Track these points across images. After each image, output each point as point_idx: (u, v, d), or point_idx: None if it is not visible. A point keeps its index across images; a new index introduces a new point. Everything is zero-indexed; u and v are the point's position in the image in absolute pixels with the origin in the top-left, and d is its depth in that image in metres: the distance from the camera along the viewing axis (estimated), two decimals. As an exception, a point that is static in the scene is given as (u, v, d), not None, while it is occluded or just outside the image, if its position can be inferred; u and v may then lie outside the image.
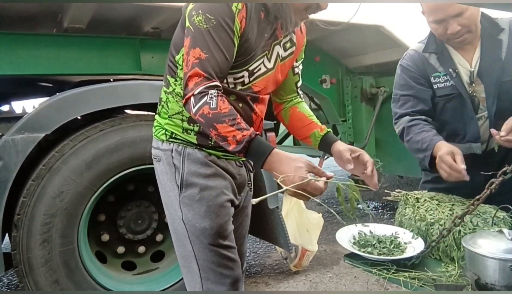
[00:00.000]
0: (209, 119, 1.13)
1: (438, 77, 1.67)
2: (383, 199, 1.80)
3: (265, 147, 1.16)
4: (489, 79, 1.60)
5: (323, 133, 1.46)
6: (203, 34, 1.16)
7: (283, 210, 2.94)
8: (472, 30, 1.56)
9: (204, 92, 1.14)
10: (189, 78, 1.16)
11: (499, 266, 1.12)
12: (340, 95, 4.18)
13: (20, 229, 2.06)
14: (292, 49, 1.42)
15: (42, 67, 2.52)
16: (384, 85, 3.96)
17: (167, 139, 1.33)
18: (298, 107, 1.54)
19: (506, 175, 1.31)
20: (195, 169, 1.30)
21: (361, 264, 1.42)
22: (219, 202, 1.32)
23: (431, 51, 1.68)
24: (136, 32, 2.82)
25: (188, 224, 1.32)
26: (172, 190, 1.33)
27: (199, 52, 1.16)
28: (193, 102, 1.15)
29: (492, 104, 1.61)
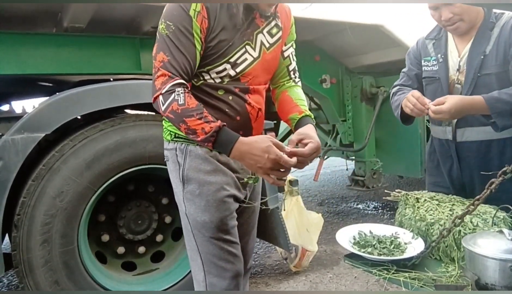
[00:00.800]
0: (178, 114, 1.21)
1: (427, 61, 1.82)
2: (383, 199, 1.81)
3: (232, 136, 1.24)
4: (469, 69, 1.69)
5: (300, 116, 1.44)
6: (164, 40, 1.27)
7: (283, 210, 2.93)
8: (464, 18, 1.65)
9: (171, 90, 1.23)
10: (156, 78, 1.26)
11: (499, 267, 1.12)
12: (340, 94, 4.18)
13: (20, 230, 2.06)
14: (279, 34, 1.45)
15: (42, 67, 2.52)
16: (384, 85, 3.96)
17: (172, 139, 1.41)
18: (288, 90, 1.54)
19: (506, 175, 1.31)
20: (196, 165, 1.37)
21: (361, 265, 1.43)
22: (219, 197, 1.36)
23: (431, 38, 1.84)
24: (136, 31, 2.82)
25: (191, 218, 1.39)
26: (178, 186, 1.41)
27: (163, 56, 1.27)
28: (161, 101, 1.24)
29: (466, 93, 1.69)
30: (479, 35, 1.69)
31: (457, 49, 1.75)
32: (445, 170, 1.84)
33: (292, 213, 2.95)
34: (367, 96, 4.06)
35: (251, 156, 1.22)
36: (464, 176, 1.78)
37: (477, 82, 1.66)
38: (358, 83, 4.07)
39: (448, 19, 1.65)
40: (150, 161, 2.32)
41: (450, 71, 1.76)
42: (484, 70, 1.65)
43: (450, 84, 1.75)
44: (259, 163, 1.21)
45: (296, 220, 2.93)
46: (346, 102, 4.17)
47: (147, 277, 2.57)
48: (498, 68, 1.63)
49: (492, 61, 1.64)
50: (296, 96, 1.51)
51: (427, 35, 1.88)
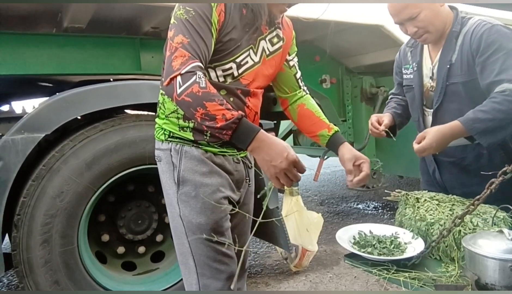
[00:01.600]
0: (198, 97, 1.14)
1: (406, 69, 1.84)
2: (383, 199, 1.81)
3: (254, 127, 1.19)
4: (439, 78, 1.69)
5: (330, 134, 1.53)
6: (184, 23, 1.23)
7: (283, 210, 2.94)
8: (430, 30, 1.63)
9: (192, 72, 1.17)
10: (174, 58, 1.19)
11: (499, 266, 1.12)
12: (340, 94, 4.18)
13: (20, 230, 2.06)
14: (280, 44, 1.46)
15: (42, 67, 2.52)
16: (384, 85, 3.96)
17: (166, 139, 1.38)
18: (305, 104, 1.59)
19: (506, 175, 1.31)
20: (191, 167, 1.34)
21: (361, 264, 1.43)
22: (215, 199, 1.34)
23: (409, 46, 1.85)
24: (136, 31, 2.82)
25: (185, 220, 1.36)
26: (171, 187, 1.38)
27: (182, 38, 1.21)
28: (179, 82, 1.16)
29: (436, 102, 1.70)
30: (447, 44, 1.67)
31: (430, 57, 1.75)
32: (429, 173, 1.86)
33: (292, 213, 2.95)
34: (367, 96, 4.06)
35: (270, 151, 1.18)
36: (445, 179, 1.79)
37: (446, 90, 1.66)
38: (358, 83, 4.06)
39: (414, 33, 1.64)
40: (150, 161, 2.32)
41: (424, 79, 1.76)
42: (451, 79, 1.64)
43: (425, 91, 1.76)
44: (275, 160, 1.17)
45: (296, 220, 2.93)
46: (346, 102, 4.17)
47: (147, 277, 2.57)
48: (464, 77, 1.61)
49: (457, 70, 1.62)
50: (315, 109, 1.58)
51: (406, 42, 1.89)
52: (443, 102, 1.67)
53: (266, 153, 1.18)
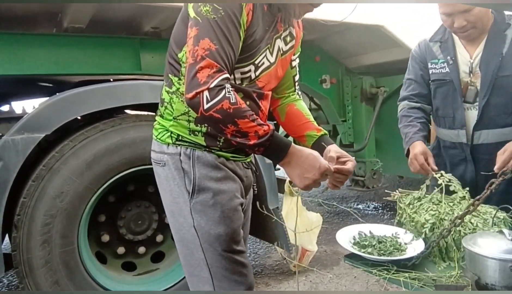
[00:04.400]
0: (229, 114, 1.06)
1: (435, 63, 1.80)
2: (383, 199, 1.81)
3: (285, 141, 1.15)
4: (486, 71, 1.68)
5: (319, 134, 1.44)
6: (211, 24, 1.10)
7: (283, 211, 2.94)
8: (477, 26, 1.64)
9: (220, 86, 1.07)
10: (200, 69, 1.07)
11: (499, 267, 1.12)
12: (340, 95, 4.18)
13: (20, 230, 2.05)
14: (292, 43, 1.39)
15: (42, 67, 2.52)
16: (384, 85, 3.96)
17: (174, 142, 1.26)
18: (295, 104, 1.50)
19: (506, 175, 1.32)
20: (206, 173, 1.24)
21: (361, 265, 1.42)
22: (233, 206, 1.27)
23: (436, 40, 1.82)
24: (136, 32, 2.82)
25: (201, 231, 1.25)
26: (181, 196, 1.26)
27: (209, 43, 1.08)
28: (207, 97, 1.06)
29: (484, 96, 1.69)
30: (491, 37, 1.68)
31: (467, 51, 1.74)
32: (456, 172, 1.81)
33: (292, 213, 2.95)
34: (367, 96, 4.06)
35: (303, 164, 1.15)
36: (479, 179, 1.76)
37: (495, 84, 1.66)
38: (358, 83, 4.06)
39: (462, 27, 1.63)
40: (150, 162, 2.29)
41: (461, 74, 1.75)
42: (502, 71, 1.65)
43: (463, 86, 1.75)
44: (308, 173, 1.15)
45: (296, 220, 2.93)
46: (346, 102, 4.17)
47: (147, 277, 2.57)
48: None
49: (510, 63, 1.63)
50: (306, 111, 1.49)
51: (431, 37, 1.85)
52: (490, 96, 1.67)
53: (299, 167, 1.15)
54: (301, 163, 1.15)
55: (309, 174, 1.15)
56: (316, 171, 1.15)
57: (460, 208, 1.49)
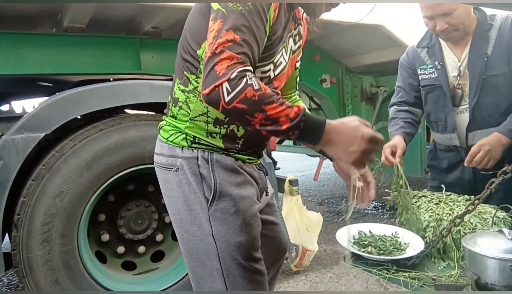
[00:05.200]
0: (254, 102, 0.96)
1: (424, 69, 1.82)
2: (383, 198, 1.81)
3: (319, 119, 1.03)
4: (473, 73, 1.69)
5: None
6: (238, 17, 1.02)
7: (283, 210, 2.93)
8: (459, 28, 1.65)
9: (241, 75, 0.97)
10: (219, 61, 0.97)
11: (499, 266, 1.12)
12: (340, 94, 4.18)
13: (20, 229, 2.06)
14: (300, 42, 1.35)
15: (42, 67, 2.52)
16: (384, 85, 3.96)
17: (189, 145, 1.17)
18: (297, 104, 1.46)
19: (506, 175, 1.31)
20: (226, 178, 1.16)
21: (361, 264, 1.42)
22: (253, 212, 1.20)
23: (423, 46, 1.83)
24: (136, 31, 2.82)
25: (220, 240, 1.16)
26: (198, 203, 1.16)
27: (233, 35, 1.00)
28: (227, 88, 0.96)
29: (474, 97, 1.70)
30: (476, 39, 1.69)
31: (455, 55, 1.76)
32: (455, 174, 1.83)
33: (292, 212, 2.95)
34: (367, 96, 4.06)
35: (344, 139, 1.03)
36: (477, 179, 1.78)
37: (483, 84, 1.67)
38: (358, 83, 4.06)
39: (443, 30, 1.65)
40: (150, 161, 2.30)
41: (450, 78, 1.76)
42: (489, 71, 1.66)
43: (451, 89, 1.76)
44: (352, 146, 1.02)
45: (296, 219, 2.93)
46: (346, 102, 4.17)
47: (147, 276, 2.57)
48: (503, 68, 1.64)
49: (496, 62, 1.65)
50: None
51: (418, 43, 1.87)
52: (480, 96, 1.68)
53: (340, 143, 1.03)
54: (342, 139, 1.03)
55: (354, 147, 1.02)
56: (361, 141, 1.02)
57: (461, 208, 1.49)
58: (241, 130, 1.18)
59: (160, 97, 2.36)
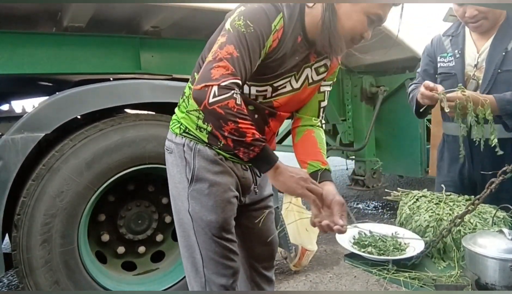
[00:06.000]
0: (231, 113, 1.12)
1: (443, 57, 1.83)
2: (383, 198, 1.81)
3: (274, 155, 1.21)
4: (489, 66, 1.69)
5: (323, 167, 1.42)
6: (239, 36, 1.18)
7: (283, 210, 2.93)
8: (488, 17, 1.66)
9: (230, 87, 1.13)
10: (216, 67, 1.14)
11: (499, 266, 1.12)
12: (340, 94, 4.18)
13: (20, 229, 2.05)
14: (324, 75, 1.45)
15: (41, 66, 2.52)
16: (384, 84, 3.96)
17: (181, 133, 1.39)
18: (314, 131, 1.51)
19: (506, 175, 1.31)
20: (204, 165, 1.36)
21: (361, 264, 1.42)
22: (226, 198, 1.38)
23: (448, 34, 1.85)
24: (136, 31, 2.82)
25: (195, 216, 1.37)
26: (182, 182, 1.38)
27: (233, 49, 1.16)
28: (215, 92, 1.12)
29: (485, 89, 1.70)
30: (500, 33, 1.70)
31: (475, 46, 1.76)
32: (456, 168, 1.84)
33: (292, 212, 2.95)
34: (367, 96, 4.06)
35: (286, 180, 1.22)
36: (476, 175, 1.78)
37: (496, 78, 1.68)
38: (358, 82, 4.06)
39: (473, 16, 1.66)
40: (150, 161, 2.32)
41: (466, 67, 1.76)
42: (505, 66, 1.66)
43: (466, 80, 1.76)
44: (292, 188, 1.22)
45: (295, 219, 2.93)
46: (346, 102, 4.17)
47: (147, 277, 2.57)
48: None
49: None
50: (321, 141, 1.50)
51: (444, 32, 1.89)
52: (491, 90, 1.67)
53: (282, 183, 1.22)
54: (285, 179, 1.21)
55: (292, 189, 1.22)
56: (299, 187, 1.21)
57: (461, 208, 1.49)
58: None
59: (160, 97, 2.36)
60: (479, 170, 1.76)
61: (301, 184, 1.22)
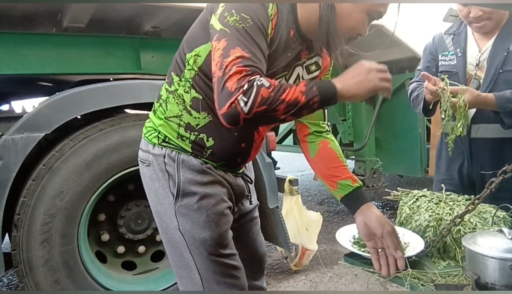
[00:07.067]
0: (272, 98, 0.99)
1: (445, 55, 1.82)
2: (383, 198, 1.81)
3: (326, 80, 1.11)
4: (491, 65, 1.69)
5: (354, 186, 1.34)
6: (240, 34, 1.04)
7: (283, 210, 2.94)
8: (492, 17, 1.66)
9: (250, 82, 0.99)
10: (229, 78, 0.99)
11: (499, 266, 1.12)
12: (340, 94, 4.17)
13: (20, 229, 2.06)
14: (316, 73, 1.33)
15: (41, 67, 2.52)
16: (384, 84, 3.96)
17: (159, 143, 1.23)
18: (329, 143, 1.41)
19: (506, 174, 1.31)
20: (191, 177, 1.20)
21: (361, 264, 1.42)
22: (219, 210, 1.23)
23: (450, 33, 1.85)
24: (136, 31, 2.82)
25: (186, 235, 1.22)
26: (166, 198, 1.23)
27: (241, 52, 1.02)
28: (243, 100, 0.98)
29: (486, 89, 1.69)
30: (503, 33, 1.70)
31: (477, 45, 1.76)
32: (455, 166, 1.83)
33: (292, 212, 2.95)
34: (367, 96, 4.06)
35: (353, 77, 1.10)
36: (475, 173, 1.78)
37: (497, 78, 1.68)
38: (358, 82, 4.06)
39: (477, 17, 1.66)
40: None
41: (468, 66, 1.76)
42: (506, 66, 1.66)
43: (468, 79, 1.76)
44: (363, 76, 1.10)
45: (296, 219, 2.94)
46: (346, 102, 4.17)
47: (147, 276, 2.58)
48: None
49: None
50: (339, 152, 1.40)
51: (446, 30, 1.89)
52: (493, 90, 1.67)
53: (353, 82, 1.09)
54: (352, 77, 1.10)
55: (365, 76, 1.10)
56: (368, 69, 1.11)
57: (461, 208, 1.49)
58: (210, 141, 1.21)
59: (160, 97, 2.36)
60: (478, 169, 1.76)
61: (370, 79, 1.10)
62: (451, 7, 2.67)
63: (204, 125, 1.20)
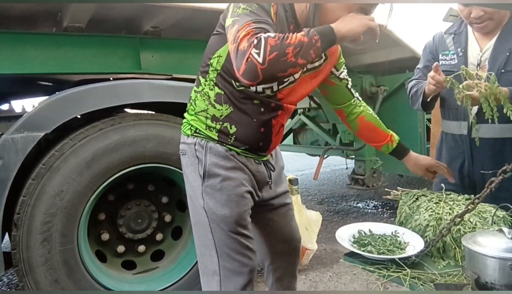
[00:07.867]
0: (280, 44, 1.10)
1: (445, 55, 1.83)
2: (383, 198, 1.81)
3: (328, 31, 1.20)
4: (493, 65, 1.69)
5: (394, 146, 1.70)
6: (250, 14, 1.19)
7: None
8: (494, 17, 1.66)
9: (258, 37, 1.10)
10: (240, 41, 1.11)
11: (499, 265, 1.12)
12: (340, 94, 4.17)
13: (20, 228, 2.06)
14: (320, 62, 1.48)
15: (42, 66, 2.52)
16: (384, 84, 3.96)
17: (192, 134, 1.42)
18: (365, 116, 1.66)
19: (506, 174, 1.32)
20: (216, 161, 1.38)
21: (360, 263, 1.43)
22: (239, 192, 1.38)
23: (450, 32, 1.85)
24: (136, 31, 2.82)
25: (209, 212, 1.38)
26: (196, 180, 1.40)
27: (249, 21, 1.16)
28: (256, 52, 1.08)
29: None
30: (504, 32, 1.70)
31: (479, 45, 1.76)
32: (455, 166, 1.83)
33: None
34: (367, 95, 4.06)
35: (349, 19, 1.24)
36: (476, 173, 1.78)
37: (499, 78, 1.66)
38: (358, 82, 4.06)
39: (479, 17, 1.66)
40: (150, 160, 2.32)
41: (469, 66, 1.76)
42: (508, 66, 1.66)
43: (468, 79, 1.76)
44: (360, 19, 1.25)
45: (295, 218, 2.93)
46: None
47: (147, 276, 2.57)
48: None
49: None
50: (375, 120, 1.68)
51: (446, 29, 1.89)
52: None
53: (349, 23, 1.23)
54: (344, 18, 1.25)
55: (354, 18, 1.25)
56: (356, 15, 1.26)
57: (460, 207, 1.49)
58: (233, 128, 1.38)
59: (160, 97, 2.36)
60: (479, 169, 1.76)
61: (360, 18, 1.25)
62: (451, 7, 2.67)
63: (227, 115, 1.37)
